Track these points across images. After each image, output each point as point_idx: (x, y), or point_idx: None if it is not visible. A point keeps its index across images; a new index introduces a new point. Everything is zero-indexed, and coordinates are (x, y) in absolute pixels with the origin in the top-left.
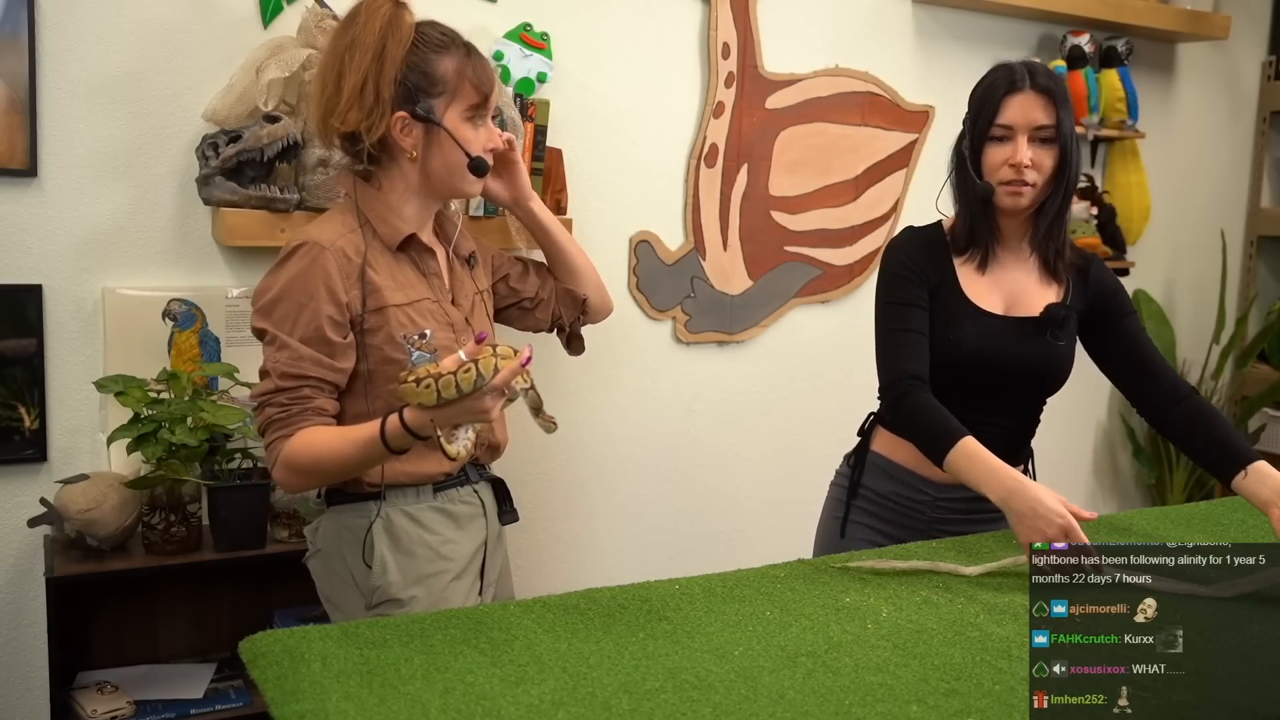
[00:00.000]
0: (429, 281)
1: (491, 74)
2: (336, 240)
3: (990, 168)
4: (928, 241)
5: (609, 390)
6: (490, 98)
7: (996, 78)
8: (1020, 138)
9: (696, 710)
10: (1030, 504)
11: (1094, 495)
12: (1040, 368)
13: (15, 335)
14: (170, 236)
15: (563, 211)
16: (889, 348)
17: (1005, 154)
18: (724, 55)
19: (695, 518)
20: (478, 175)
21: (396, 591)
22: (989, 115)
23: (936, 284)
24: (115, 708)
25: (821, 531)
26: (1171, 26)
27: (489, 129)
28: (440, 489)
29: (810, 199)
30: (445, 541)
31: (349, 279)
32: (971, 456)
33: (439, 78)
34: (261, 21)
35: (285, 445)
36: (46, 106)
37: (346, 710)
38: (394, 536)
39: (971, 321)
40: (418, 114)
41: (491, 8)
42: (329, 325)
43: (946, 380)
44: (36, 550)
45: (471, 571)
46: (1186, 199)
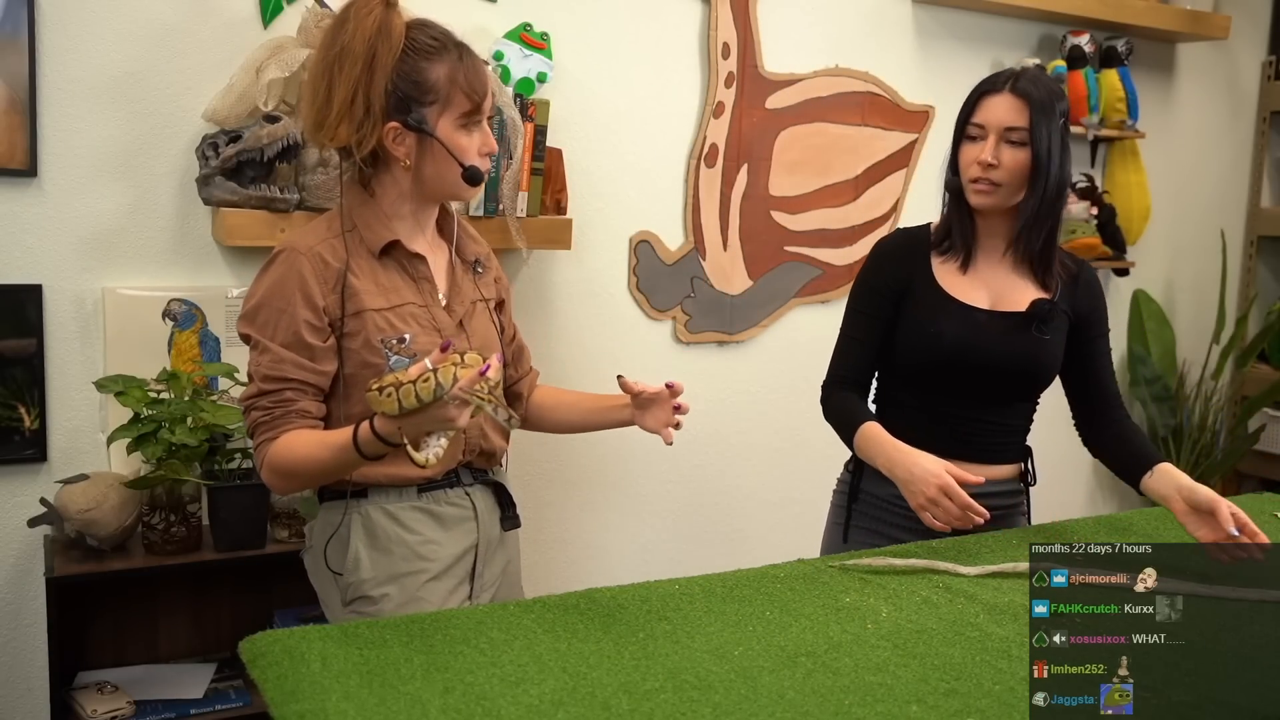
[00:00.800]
0: (418, 286)
1: (484, 78)
2: (315, 246)
3: (962, 165)
4: (909, 241)
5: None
6: (484, 103)
7: (985, 79)
8: (990, 137)
9: (696, 710)
10: (908, 469)
11: (1094, 495)
12: (1026, 363)
13: (15, 335)
14: (170, 236)
15: (563, 211)
16: (835, 351)
17: (975, 152)
18: (724, 55)
19: (695, 518)
20: (472, 185)
21: (369, 589)
22: (965, 113)
23: (908, 283)
24: (115, 708)
25: (826, 538)
26: (1171, 26)
27: (484, 133)
28: (425, 490)
29: (810, 199)
30: (425, 542)
31: (326, 284)
32: (869, 438)
33: (430, 85)
34: (261, 21)
35: (270, 449)
36: (46, 106)
37: (346, 710)
38: (371, 534)
39: (951, 315)
40: (410, 124)
41: (491, 8)
42: (306, 329)
43: (933, 378)
44: (36, 550)
45: (456, 574)
46: (1186, 199)
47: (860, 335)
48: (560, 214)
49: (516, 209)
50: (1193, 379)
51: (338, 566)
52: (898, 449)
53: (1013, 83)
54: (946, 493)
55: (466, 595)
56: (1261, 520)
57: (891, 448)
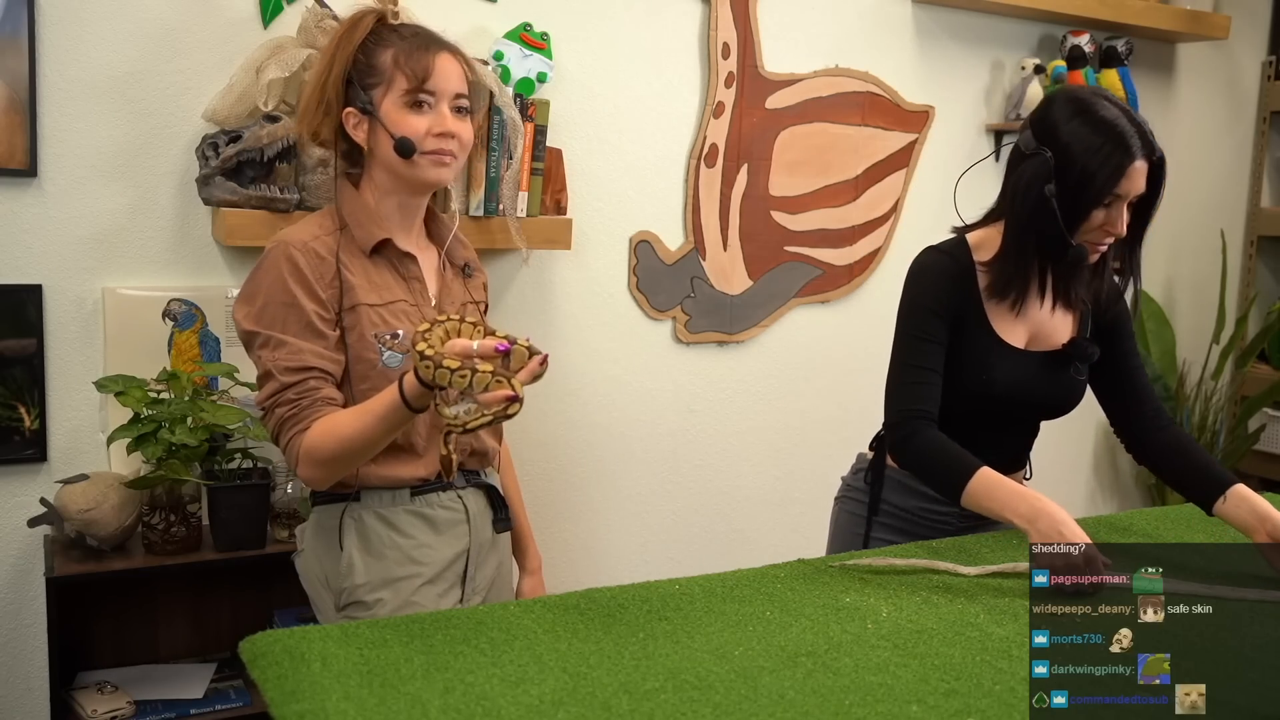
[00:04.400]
0: (409, 285)
1: (429, 62)
2: (309, 241)
3: (1089, 228)
4: (957, 268)
5: (609, 390)
6: (429, 84)
7: (1106, 130)
8: (1123, 204)
9: (696, 710)
10: (1057, 529)
11: (1094, 495)
12: (1064, 400)
13: (15, 335)
14: (170, 236)
15: (563, 211)
16: (902, 382)
17: (1108, 219)
18: (724, 55)
19: (695, 518)
20: (401, 155)
21: (363, 594)
22: (1106, 178)
23: (961, 317)
24: (115, 708)
25: (836, 548)
26: (1171, 26)
27: (439, 116)
28: (418, 493)
29: (810, 199)
30: (419, 546)
31: (323, 277)
32: (991, 486)
33: (376, 68)
34: (261, 21)
35: (304, 439)
36: (46, 106)
37: (346, 710)
38: (364, 538)
39: (1002, 358)
40: (359, 106)
41: (491, 8)
42: (317, 319)
43: (964, 408)
44: (36, 550)
45: (448, 578)
46: (1186, 199)
47: (932, 365)
48: (560, 214)
49: (516, 209)
50: (1193, 379)
51: (331, 571)
52: (1039, 500)
53: (1143, 144)
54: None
55: (458, 599)
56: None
57: (1033, 498)
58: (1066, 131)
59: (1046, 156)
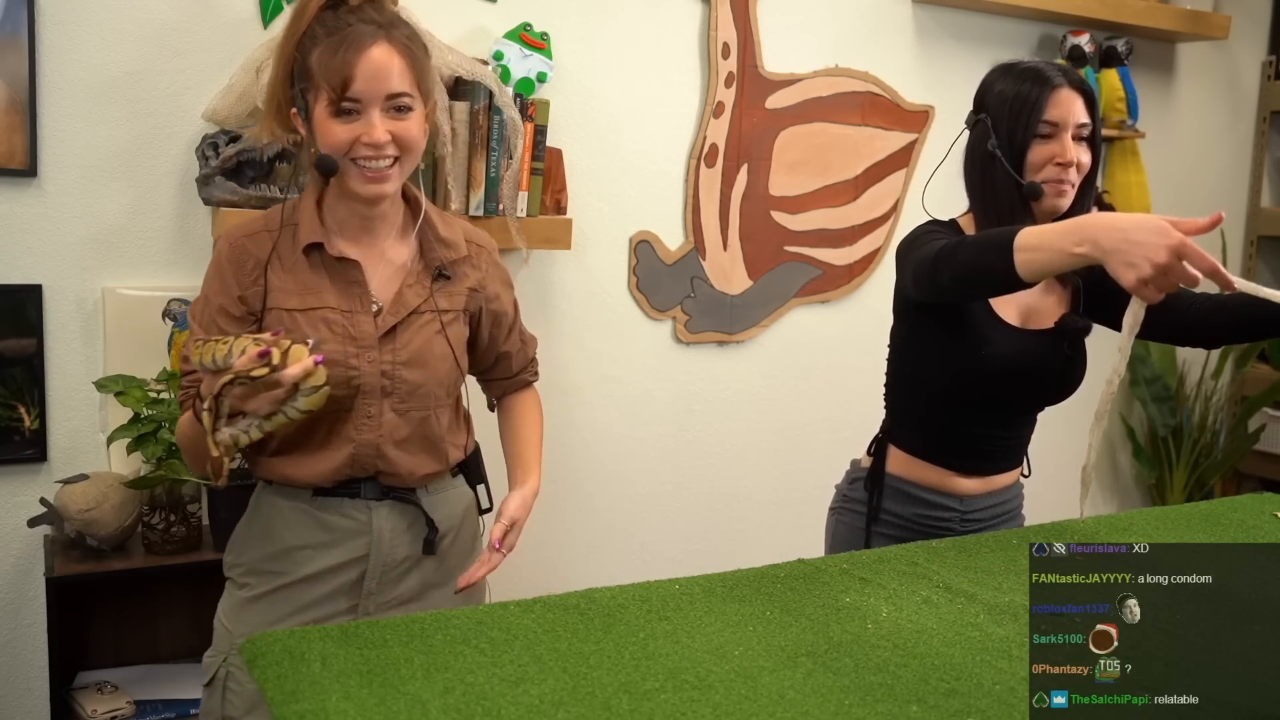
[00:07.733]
0: (348, 291)
1: (349, 66)
2: (242, 237)
3: (1033, 166)
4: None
5: (609, 390)
6: (351, 90)
7: (1026, 74)
8: (1065, 134)
9: (696, 710)
10: (1123, 233)
11: (1094, 495)
12: (1066, 380)
13: (15, 335)
14: (170, 236)
15: (563, 211)
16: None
17: (1051, 151)
18: (724, 55)
19: (695, 518)
20: (321, 174)
21: (237, 574)
22: (1030, 111)
23: None
24: (115, 708)
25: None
26: (1171, 26)
27: (368, 124)
28: (321, 494)
29: (810, 199)
30: (301, 547)
31: (246, 275)
32: (1040, 233)
33: (309, 69)
34: (261, 21)
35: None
36: (46, 106)
37: (346, 710)
38: (257, 520)
39: (1000, 334)
40: (300, 110)
41: (491, 8)
42: (222, 316)
43: (963, 393)
44: (36, 550)
45: (329, 582)
46: (1186, 199)
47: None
48: (560, 214)
49: (516, 209)
50: (1193, 379)
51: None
52: (1089, 219)
53: (1066, 77)
54: (1181, 253)
55: (346, 608)
56: (1261, 520)
57: (1081, 222)
58: (995, 91)
59: (983, 118)
